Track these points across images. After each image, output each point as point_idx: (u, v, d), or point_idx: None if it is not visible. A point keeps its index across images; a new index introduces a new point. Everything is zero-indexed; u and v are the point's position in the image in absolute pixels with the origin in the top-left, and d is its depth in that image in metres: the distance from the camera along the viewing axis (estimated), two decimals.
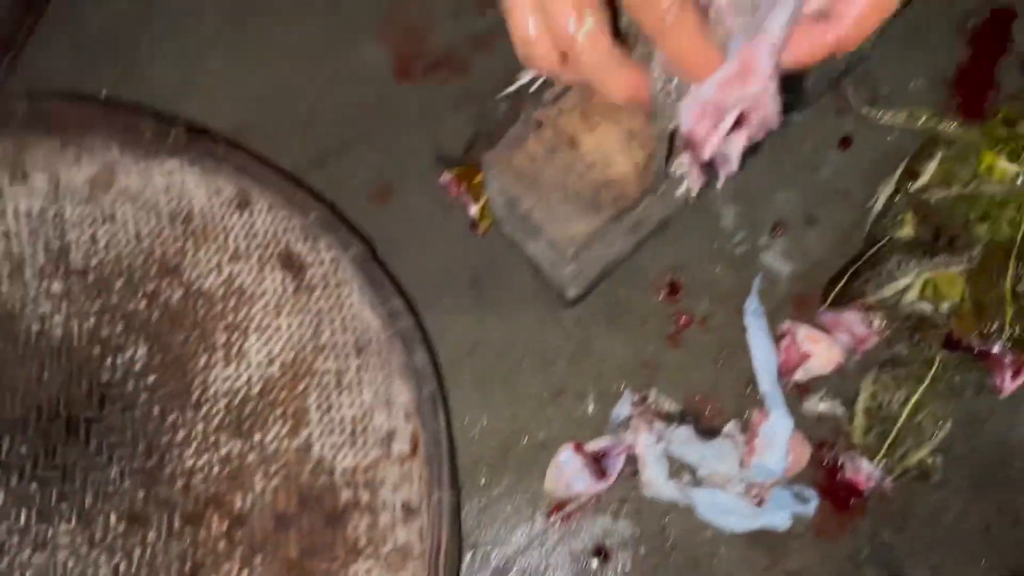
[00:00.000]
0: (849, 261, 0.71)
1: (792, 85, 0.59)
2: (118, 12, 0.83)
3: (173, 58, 0.82)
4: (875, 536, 0.68)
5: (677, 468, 0.69)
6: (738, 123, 0.50)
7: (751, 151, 0.52)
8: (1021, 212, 0.68)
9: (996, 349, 0.67)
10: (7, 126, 0.74)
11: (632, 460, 0.69)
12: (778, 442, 0.67)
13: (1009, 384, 0.67)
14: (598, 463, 0.69)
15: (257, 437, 0.70)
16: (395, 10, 0.83)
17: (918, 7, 0.80)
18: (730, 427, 0.68)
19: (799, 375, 0.70)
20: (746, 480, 0.67)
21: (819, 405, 0.69)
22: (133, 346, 0.73)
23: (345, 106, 0.80)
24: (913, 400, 0.66)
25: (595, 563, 0.69)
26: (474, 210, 0.75)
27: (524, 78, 0.57)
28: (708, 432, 0.69)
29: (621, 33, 0.50)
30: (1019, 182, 0.72)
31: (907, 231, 0.72)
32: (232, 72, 0.82)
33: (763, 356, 0.70)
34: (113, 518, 0.69)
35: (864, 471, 0.66)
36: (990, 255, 0.68)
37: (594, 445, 0.70)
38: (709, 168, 0.54)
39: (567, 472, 0.69)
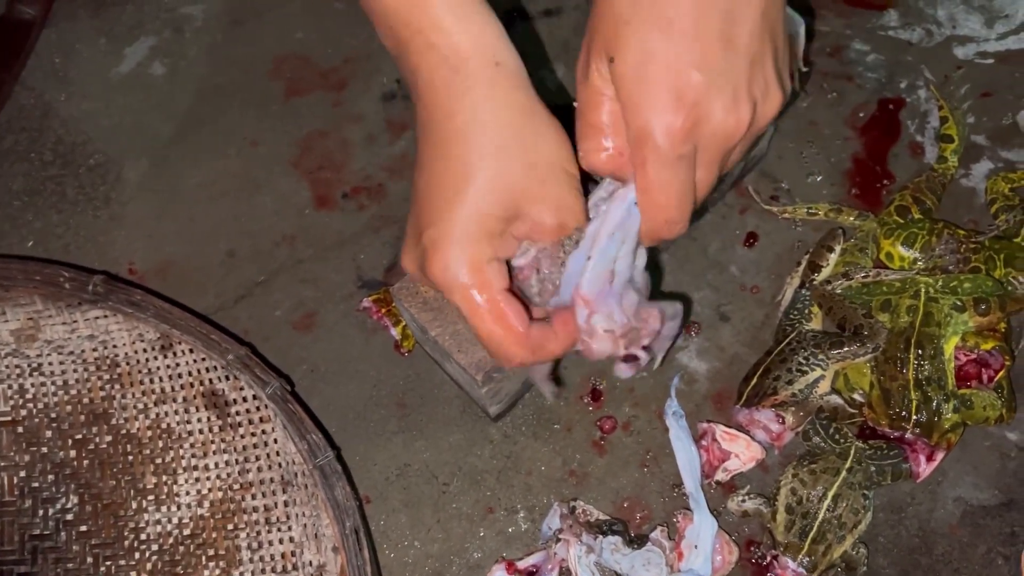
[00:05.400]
0: (760, 358, 0.73)
1: None
2: (43, 164, 0.86)
3: (96, 206, 0.84)
4: None
5: None
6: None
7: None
8: (918, 299, 0.70)
9: (908, 435, 0.68)
10: None
11: (565, 573, 0.69)
12: (703, 544, 0.68)
13: (925, 468, 0.69)
14: None
15: None
16: (311, 143, 0.86)
17: (810, 104, 0.84)
18: (656, 534, 0.69)
19: (721, 474, 0.71)
20: None
21: (744, 503, 0.70)
22: (64, 496, 0.73)
23: (266, 238, 0.82)
24: (831, 493, 0.67)
25: None
26: (396, 332, 0.77)
27: None
28: (637, 539, 0.69)
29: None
30: (918, 266, 0.74)
31: (814, 323, 0.74)
32: (154, 214, 0.84)
33: (685, 457, 0.71)
34: None
35: (791, 569, 0.66)
36: (892, 343, 0.70)
37: (526, 562, 0.70)
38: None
39: None
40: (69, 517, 0.73)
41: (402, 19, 0.50)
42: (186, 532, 0.71)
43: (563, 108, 0.53)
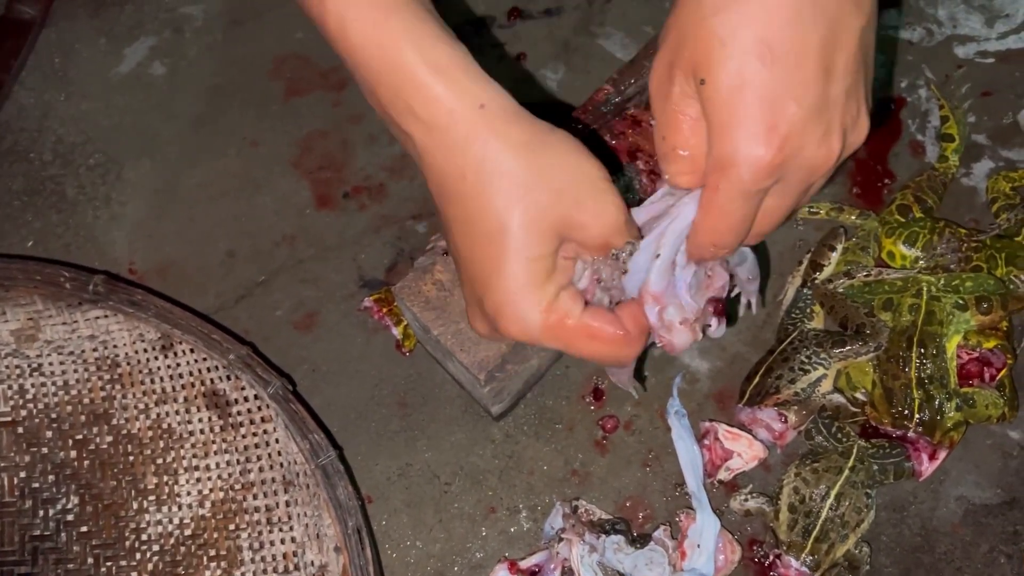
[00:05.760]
0: (762, 357, 0.73)
1: None
2: (43, 164, 0.85)
3: (96, 206, 0.84)
4: None
5: None
6: None
7: None
8: (920, 298, 0.70)
9: (911, 434, 0.68)
10: None
11: (567, 572, 0.69)
12: (706, 543, 0.67)
13: (927, 467, 0.69)
14: None
15: None
16: (311, 142, 0.85)
17: None
18: (659, 533, 0.69)
19: (723, 473, 0.70)
20: None
21: (747, 502, 0.70)
22: (65, 497, 0.73)
23: (266, 238, 0.82)
24: (834, 492, 0.67)
25: None
26: (397, 331, 0.77)
27: None
28: (640, 538, 0.69)
29: None
30: (920, 265, 0.74)
31: (816, 322, 0.74)
32: (154, 214, 0.83)
33: (688, 456, 0.71)
34: None
35: (794, 568, 0.66)
36: (894, 342, 0.70)
37: (529, 561, 0.70)
38: None
39: None
40: (70, 518, 0.72)
41: (378, 79, 0.48)
42: (187, 532, 0.71)
43: (564, 106, 0.52)
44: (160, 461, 0.73)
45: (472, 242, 0.49)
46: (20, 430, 0.75)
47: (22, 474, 0.73)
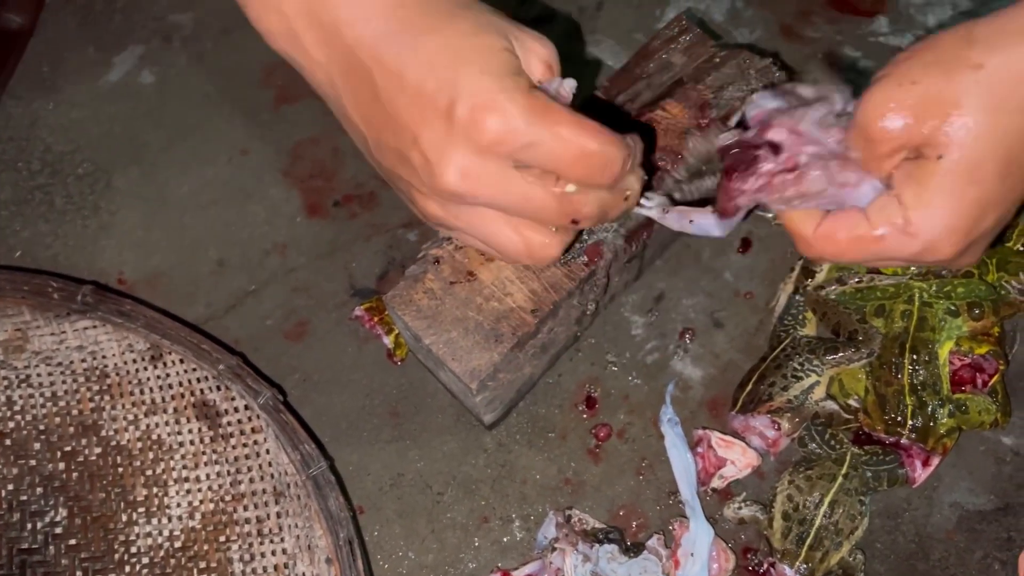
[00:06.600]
0: (755, 364, 0.73)
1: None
2: (31, 173, 0.85)
3: (85, 215, 0.83)
4: None
5: None
6: None
7: None
8: (912, 304, 0.70)
9: (904, 440, 0.68)
10: None
11: None
12: (699, 552, 0.67)
13: (921, 473, 0.68)
14: None
15: None
16: (302, 151, 0.85)
17: None
18: (653, 542, 0.68)
19: (717, 481, 0.70)
20: None
21: (741, 510, 0.70)
22: (53, 509, 0.72)
23: (257, 247, 0.82)
24: (827, 500, 0.66)
25: None
26: (388, 340, 0.76)
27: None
28: (634, 547, 0.69)
29: None
30: (912, 271, 0.74)
31: (808, 329, 0.74)
32: (143, 223, 0.83)
33: (681, 464, 0.71)
34: None
35: None
36: (887, 349, 0.70)
37: (522, 571, 0.69)
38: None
39: None
40: (58, 530, 0.72)
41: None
42: (177, 544, 0.70)
43: None
44: (149, 473, 0.72)
45: (424, 68, 0.46)
46: (8, 442, 0.74)
47: (10, 486, 0.73)
